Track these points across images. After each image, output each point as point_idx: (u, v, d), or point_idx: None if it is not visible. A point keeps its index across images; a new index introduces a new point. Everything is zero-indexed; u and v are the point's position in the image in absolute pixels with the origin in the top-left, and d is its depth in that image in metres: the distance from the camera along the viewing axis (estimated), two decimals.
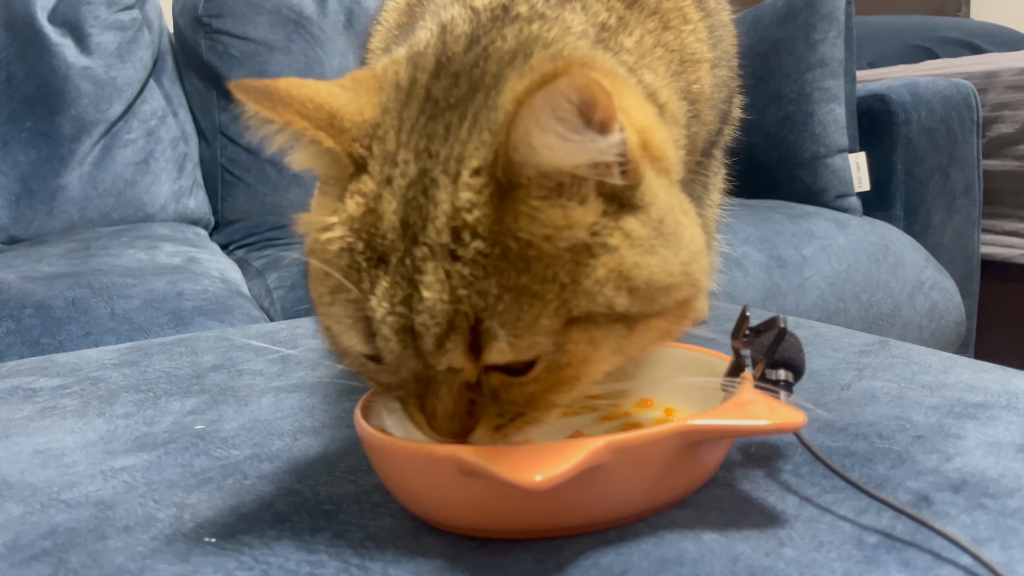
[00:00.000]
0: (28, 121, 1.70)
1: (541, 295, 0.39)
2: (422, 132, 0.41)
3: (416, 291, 0.39)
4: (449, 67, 0.44)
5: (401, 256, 0.39)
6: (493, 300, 0.38)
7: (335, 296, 0.41)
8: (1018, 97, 1.89)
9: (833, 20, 1.71)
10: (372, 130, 0.42)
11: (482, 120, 0.41)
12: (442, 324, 0.39)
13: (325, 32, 1.90)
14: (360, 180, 0.41)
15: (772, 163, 1.79)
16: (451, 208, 0.39)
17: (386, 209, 0.40)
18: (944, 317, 1.66)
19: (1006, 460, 0.49)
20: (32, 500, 0.51)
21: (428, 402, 0.42)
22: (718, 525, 0.43)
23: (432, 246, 0.39)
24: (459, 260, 0.39)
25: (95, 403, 0.69)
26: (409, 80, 0.44)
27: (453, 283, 0.39)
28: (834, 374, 0.66)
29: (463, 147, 0.40)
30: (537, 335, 0.39)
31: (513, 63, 0.43)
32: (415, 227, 0.39)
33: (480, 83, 0.42)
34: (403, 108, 0.43)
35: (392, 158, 0.41)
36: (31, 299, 1.15)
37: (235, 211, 1.90)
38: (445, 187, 0.40)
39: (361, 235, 0.40)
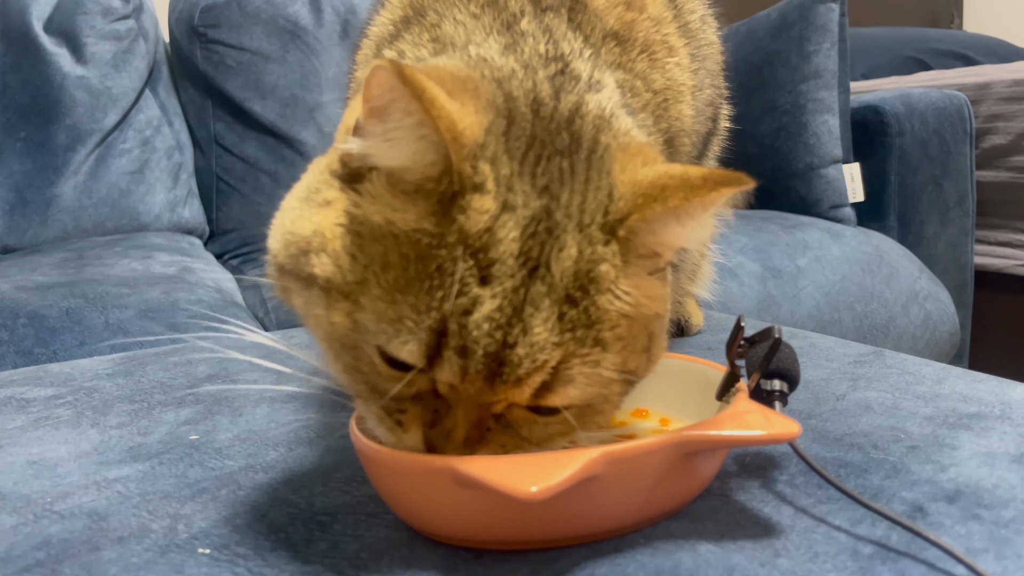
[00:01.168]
0: (23, 130, 1.70)
1: (613, 351, 0.41)
2: (535, 169, 0.42)
3: (523, 323, 0.39)
4: (545, 110, 0.45)
5: (516, 286, 0.40)
6: (587, 348, 0.41)
7: (398, 295, 0.40)
8: (1011, 109, 1.90)
9: (826, 32, 1.72)
10: (479, 150, 0.41)
11: (595, 179, 0.42)
12: (539, 361, 0.40)
13: (321, 42, 1.91)
14: (472, 198, 0.40)
15: (766, 174, 1.79)
16: (579, 256, 0.41)
17: (506, 235, 0.40)
18: (938, 327, 1.67)
19: (1000, 470, 0.49)
20: (25, 511, 0.51)
21: (450, 422, 0.42)
22: (714, 536, 0.43)
23: (553, 286, 0.40)
24: (575, 305, 0.40)
25: (89, 413, 0.69)
26: (508, 109, 0.44)
27: (563, 325, 0.40)
28: (829, 384, 0.66)
29: (582, 199, 0.42)
30: (599, 386, 0.42)
31: (604, 130, 0.45)
32: (535, 262, 0.40)
33: (581, 139, 0.44)
34: (508, 136, 0.42)
35: (509, 185, 0.41)
36: (25, 309, 1.15)
37: (230, 221, 1.90)
38: (573, 234, 0.41)
39: (471, 249, 0.40)
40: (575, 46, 0.52)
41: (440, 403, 0.42)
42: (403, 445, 0.43)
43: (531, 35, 0.51)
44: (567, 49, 0.51)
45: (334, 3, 1.94)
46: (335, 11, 1.93)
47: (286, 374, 0.77)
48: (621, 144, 0.45)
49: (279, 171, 1.88)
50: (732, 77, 0.80)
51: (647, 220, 0.41)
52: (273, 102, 1.87)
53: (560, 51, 0.50)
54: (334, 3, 1.94)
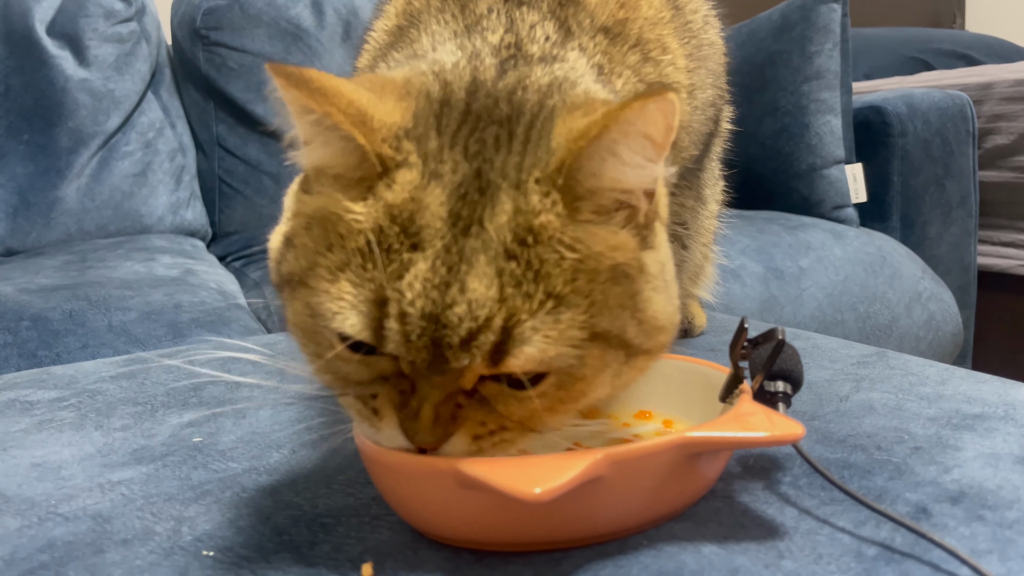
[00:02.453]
0: (26, 133, 1.70)
1: (576, 306, 0.40)
2: (467, 140, 0.43)
3: (459, 281, 0.39)
4: (483, 89, 0.46)
5: (447, 244, 0.40)
6: (536, 305, 0.39)
7: (340, 272, 0.41)
8: (1013, 108, 1.90)
9: (829, 32, 1.72)
10: (402, 132, 0.42)
11: (534, 139, 0.42)
12: (479, 319, 0.39)
13: (323, 44, 1.91)
14: (396, 174, 0.41)
15: (769, 175, 1.79)
16: (515, 210, 0.40)
17: (432, 201, 0.41)
18: (941, 328, 1.66)
19: (1004, 471, 0.49)
20: (29, 513, 0.51)
21: (415, 400, 0.41)
22: (717, 537, 0.43)
23: (487, 241, 0.40)
24: (514, 259, 0.40)
25: (92, 416, 0.69)
26: (442, 93, 0.45)
27: (502, 280, 0.39)
28: (832, 386, 0.66)
29: (520, 159, 0.42)
30: (564, 345, 0.40)
31: (552, 96, 0.45)
32: (467, 220, 0.40)
33: (522, 107, 0.44)
34: (440, 116, 0.44)
35: (436, 156, 0.42)
36: (28, 311, 1.15)
37: (232, 223, 1.90)
38: (507, 191, 0.41)
39: (397, 220, 0.40)
40: (539, 32, 0.52)
41: (404, 382, 0.41)
42: (383, 435, 0.43)
43: (490, 29, 0.52)
44: (525, 35, 0.51)
45: (336, 5, 1.94)
46: (337, 13, 1.94)
47: (289, 376, 0.77)
48: (569, 104, 0.44)
49: (281, 173, 1.88)
50: (734, 78, 0.80)
51: (579, 161, 0.40)
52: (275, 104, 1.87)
53: (518, 37, 0.51)
54: (336, 5, 1.94)
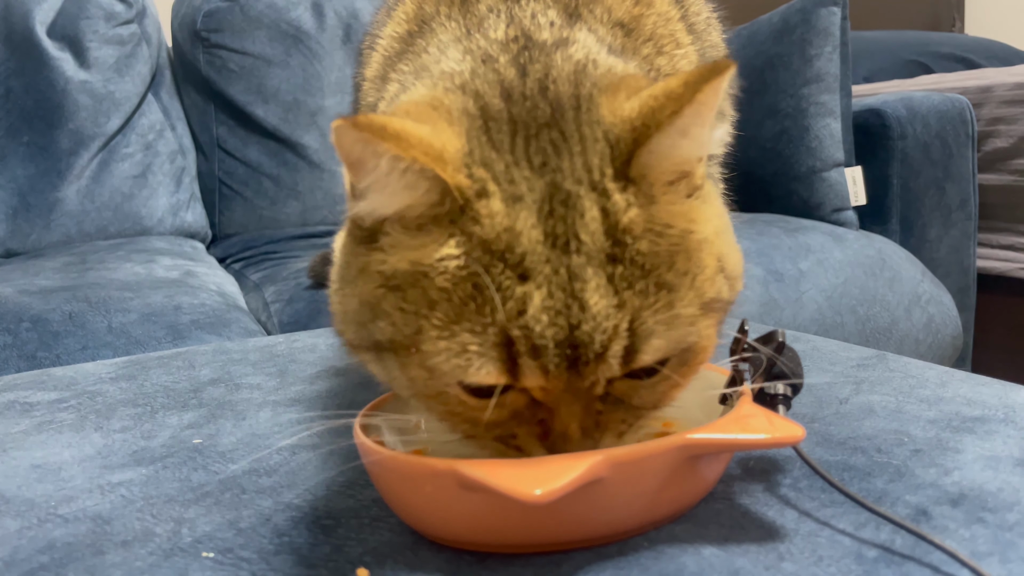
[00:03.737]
0: (26, 135, 1.70)
1: (681, 287, 0.40)
2: (527, 151, 0.41)
3: (577, 300, 0.39)
4: (516, 91, 0.44)
5: (555, 267, 0.39)
6: (652, 298, 0.40)
7: (455, 326, 0.39)
8: (1013, 112, 1.90)
9: (828, 35, 1.72)
10: (468, 159, 0.41)
11: (588, 135, 0.42)
12: (608, 330, 0.39)
13: (323, 46, 1.91)
14: (479, 205, 0.40)
15: (769, 177, 1.79)
16: (603, 213, 0.40)
17: (524, 225, 0.39)
18: (941, 331, 1.66)
19: (1004, 474, 0.49)
20: (29, 515, 0.51)
21: (559, 424, 0.41)
22: (717, 539, 0.43)
23: (590, 253, 0.39)
24: (620, 262, 0.39)
25: (92, 417, 0.69)
26: (479, 107, 0.43)
27: (616, 285, 0.39)
28: (832, 388, 0.66)
29: (584, 159, 0.41)
30: (683, 327, 0.41)
31: (583, 82, 0.44)
32: (563, 237, 0.39)
33: (562, 103, 0.43)
34: (489, 132, 0.42)
35: (508, 177, 0.41)
36: (28, 313, 1.15)
37: (232, 225, 1.90)
38: (587, 196, 0.40)
39: (497, 255, 0.39)
40: (542, 20, 0.50)
41: (541, 411, 0.41)
42: None
43: (491, 27, 0.50)
44: (529, 23, 0.50)
45: (336, 7, 1.94)
46: (337, 15, 1.94)
47: (289, 377, 0.77)
48: (603, 87, 0.44)
49: (281, 175, 1.88)
50: (734, 81, 0.80)
51: (651, 150, 0.40)
52: (275, 106, 1.88)
53: (523, 28, 0.49)
54: (336, 7, 1.94)
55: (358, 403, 0.52)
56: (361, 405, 0.51)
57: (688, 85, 0.39)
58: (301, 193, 1.88)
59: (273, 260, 1.68)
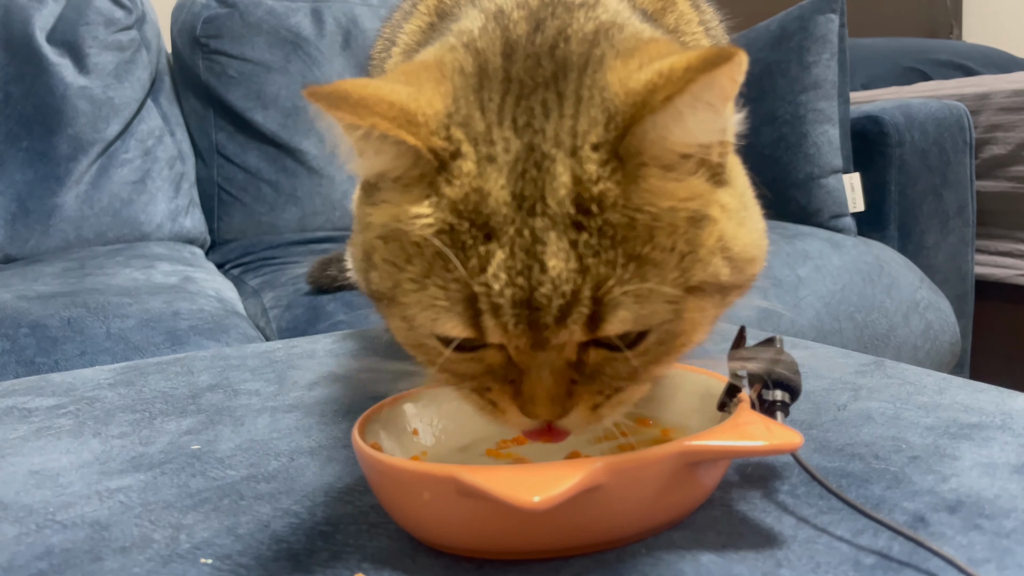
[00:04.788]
0: (25, 140, 1.70)
1: (663, 264, 0.40)
2: (515, 111, 0.41)
3: (538, 262, 0.39)
4: (520, 48, 0.43)
5: (518, 228, 0.39)
6: (620, 269, 0.39)
7: (426, 280, 0.40)
8: (1010, 119, 1.90)
9: (826, 42, 1.73)
10: (447, 120, 0.41)
11: (586, 98, 0.41)
12: (567, 294, 0.38)
13: (322, 53, 1.91)
14: (453, 167, 0.40)
15: (766, 184, 1.78)
16: (573, 181, 0.39)
17: (493, 186, 0.40)
18: (939, 337, 1.67)
19: (1002, 481, 0.49)
20: (27, 521, 0.51)
21: (527, 386, 0.41)
22: (715, 546, 0.43)
23: (554, 217, 0.39)
24: (584, 230, 0.39)
25: (90, 423, 0.69)
26: (477, 65, 0.43)
27: (579, 252, 0.39)
28: (830, 395, 0.66)
29: (573, 123, 0.40)
30: (658, 303, 0.40)
31: (599, 44, 0.43)
32: (531, 199, 0.39)
33: (568, 63, 0.42)
34: (479, 91, 0.42)
35: (487, 138, 0.41)
36: (26, 318, 1.15)
37: (231, 230, 1.90)
38: (563, 160, 0.40)
39: (464, 215, 0.40)
40: None
41: (514, 370, 0.42)
42: (508, 424, 0.43)
43: None
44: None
45: (336, 14, 1.95)
46: (337, 22, 1.94)
47: (287, 383, 0.77)
48: (620, 50, 0.42)
49: (280, 181, 1.88)
50: None
51: (645, 130, 0.39)
52: (275, 112, 1.88)
53: None
54: (336, 14, 1.95)
55: (356, 409, 0.52)
56: (359, 411, 0.51)
57: (688, 70, 0.38)
58: (300, 199, 1.88)
59: (272, 266, 1.68)
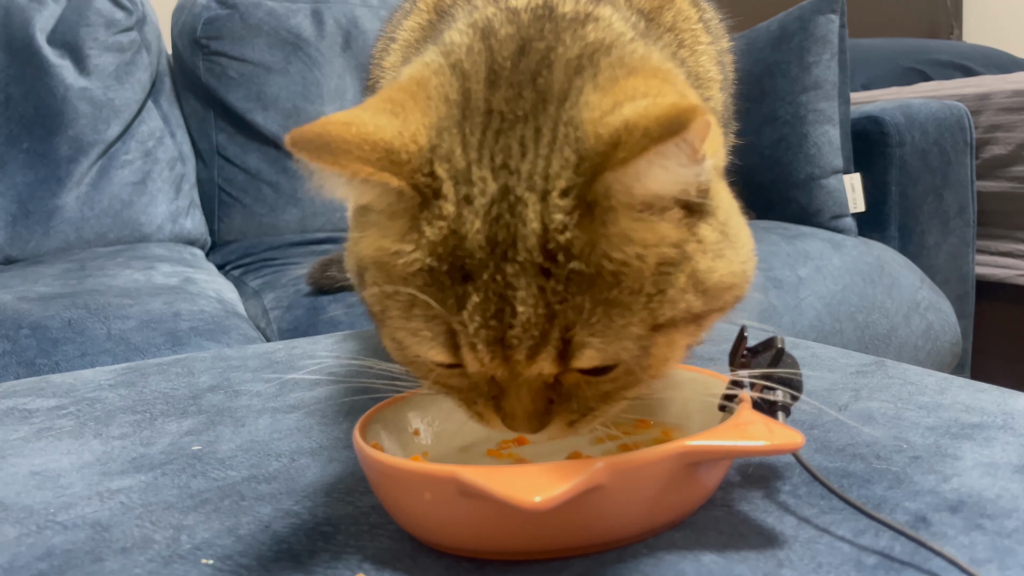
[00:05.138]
0: (26, 142, 1.70)
1: (630, 306, 0.40)
2: (493, 148, 0.41)
3: (509, 306, 0.39)
4: (504, 75, 0.43)
5: (492, 273, 0.40)
6: (587, 314, 0.39)
7: (410, 312, 0.42)
8: (1011, 119, 1.90)
9: (826, 43, 1.73)
10: (430, 155, 0.41)
11: (560, 136, 0.41)
12: (536, 336, 0.40)
13: (323, 54, 1.91)
14: (434, 205, 0.41)
15: (767, 184, 1.80)
16: (542, 228, 0.39)
17: (469, 229, 0.40)
18: (940, 338, 1.67)
19: (1003, 481, 0.49)
20: (28, 522, 0.51)
21: (507, 404, 0.43)
22: (717, 546, 0.43)
23: (524, 264, 0.39)
24: (552, 277, 0.39)
25: (91, 424, 0.69)
26: (461, 93, 0.43)
27: (547, 298, 0.39)
28: (831, 395, 0.66)
29: (546, 164, 0.40)
30: (625, 341, 0.41)
31: (582, 73, 0.43)
32: (504, 244, 0.40)
33: (548, 94, 0.42)
34: (462, 123, 0.42)
35: (466, 177, 0.41)
36: (27, 319, 1.15)
37: (232, 231, 1.90)
38: (533, 206, 0.40)
39: (443, 257, 0.40)
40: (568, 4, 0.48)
41: (495, 387, 0.43)
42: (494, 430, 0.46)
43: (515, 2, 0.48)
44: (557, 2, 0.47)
45: (336, 15, 1.95)
46: (337, 23, 1.94)
47: (288, 384, 0.77)
48: (599, 82, 0.42)
49: (281, 182, 1.88)
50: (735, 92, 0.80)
51: (610, 180, 0.39)
52: (275, 113, 1.88)
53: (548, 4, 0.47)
54: (336, 15, 1.95)
55: (357, 409, 0.52)
56: (359, 412, 0.51)
57: (646, 135, 0.37)
58: (300, 200, 1.88)
59: (272, 267, 1.68)
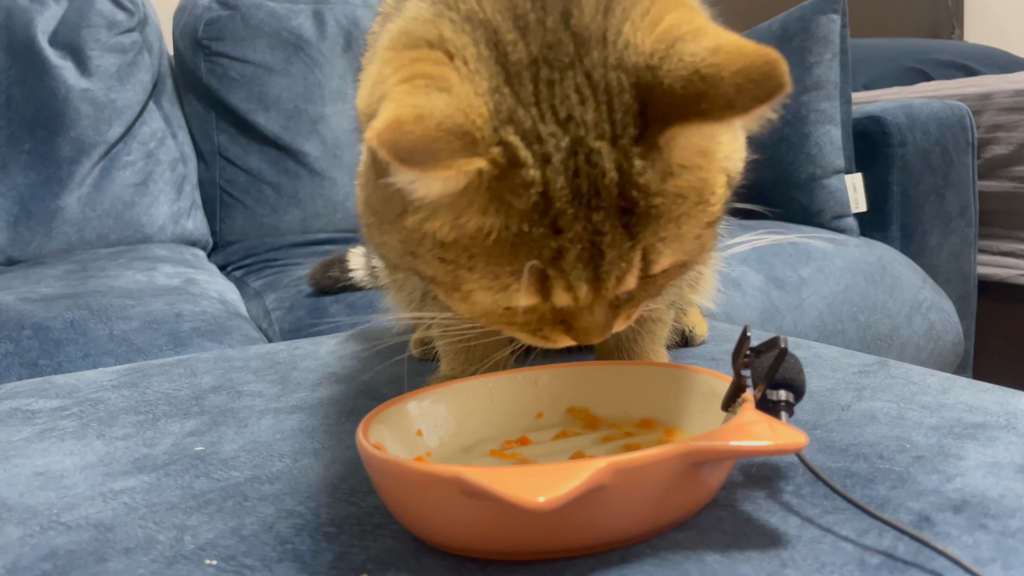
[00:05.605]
0: (27, 143, 1.70)
1: (693, 214, 0.44)
2: (552, 100, 0.42)
3: (599, 248, 0.43)
4: (532, 20, 0.43)
5: (582, 223, 0.42)
6: (661, 231, 0.44)
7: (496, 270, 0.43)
8: (1012, 119, 1.90)
9: (828, 43, 1.73)
10: (495, 123, 0.41)
11: (614, 82, 0.42)
12: (623, 267, 0.44)
13: (324, 55, 1.91)
14: (515, 174, 0.41)
15: (768, 185, 1.80)
16: (619, 175, 0.42)
17: (554, 188, 0.42)
18: (942, 337, 1.66)
19: (1006, 480, 0.49)
20: (32, 522, 0.51)
21: (581, 322, 0.46)
22: (720, 546, 0.43)
23: (607, 209, 0.42)
24: (633, 213, 0.43)
25: (94, 425, 0.69)
26: (493, 47, 0.43)
27: (631, 232, 0.43)
28: (834, 395, 0.66)
29: (609, 110, 0.42)
30: (689, 243, 0.45)
31: (613, 10, 0.43)
32: (587, 195, 0.42)
33: (586, 37, 0.43)
34: (511, 80, 0.42)
35: (536, 136, 0.41)
36: (29, 320, 1.15)
37: (233, 232, 1.90)
38: (608, 154, 0.42)
39: (535, 220, 0.42)
40: None
41: (565, 312, 0.47)
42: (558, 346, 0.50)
43: None
44: None
45: (337, 16, 1.95)
46: (338, 24, 1.94)
47: (290, 385, 0.77)
48: (634, 19, 0.43)
49: (282, 183, 1.88)
50: None
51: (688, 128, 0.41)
52: (276, 114, 1.88)
53: None
54: (337, 16, 1.95)
55: (360, 410, 0.52)
56: (362, 412, 0.51)
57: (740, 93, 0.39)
58: (302, 201, 1.88)
59: (274, 268, 1.68)
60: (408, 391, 0.54)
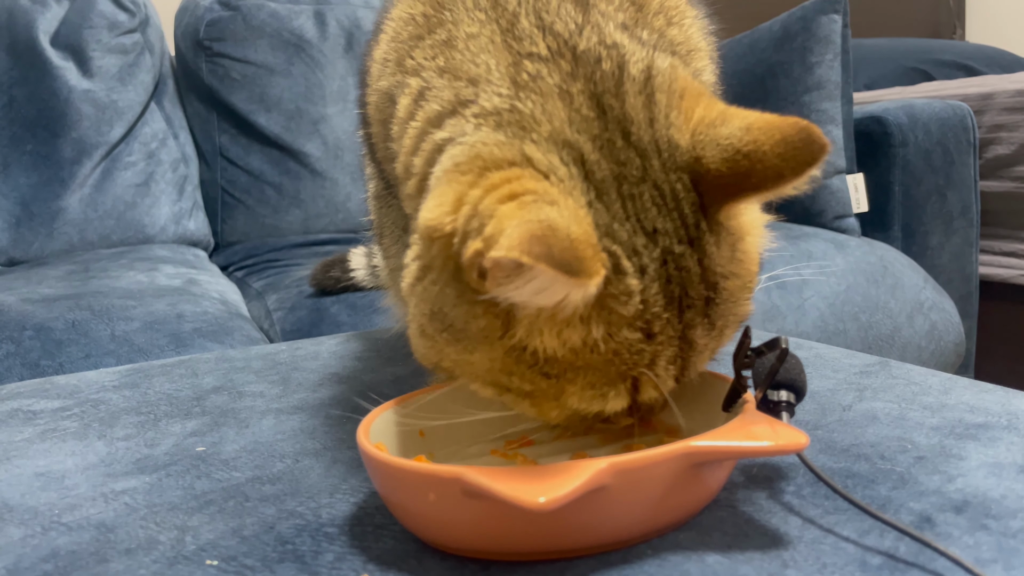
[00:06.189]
0: (29, 144, 1.71)
1: (747, 290, 0.48)
2: (637, 213, 0.44)
3: (689, 343, 0.45)
4: (606, 141, 0.45)
5: (675, 327, 0.44)
6: (733, 312, 0.47)
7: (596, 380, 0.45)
8: (1014, 119, 1.90)
9: (829, 43, 1.73)
10: (600, 234, 0.43)
11: (678, 186, 0.44)
12: (707, 357, 0.47)
13: (325, 55, 1.92)
14: (618, 282, 0.43)
15: None
16: (702, 270, 0.45)
17: (650, 295, 0.43)
18: (943, 338, 1.66)
19: (1008, 481, 0.49)
20: (33, 523, 0.51)
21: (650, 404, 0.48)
22: (721, 547, 0.43)
23: (696, 304, 0.45)
24: (714, 303, 0.45)
25: (95, 425, 0.69)
26: (579, 163, 0.44)
27: (714, 321, 0.46)
28: (835, 395, 0.66)
29: (680, 214, 0.44)
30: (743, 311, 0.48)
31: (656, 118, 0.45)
32: (679, 297, 0.44)
33: (644, 150, 0.45)
34: (601, 198, 0.44)
35: (632, 248, 0.43)
36: (31, 321, 1.15)
37: (235, 233, 1.90)
38: (690, 256, 0.44)
39: (635, 327, 0.44)
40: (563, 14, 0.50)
41: None
42: None
43: (525, 36, 0.49)
44: (559, 25, 0.49)
45: (338, 16, 1.95)
46: (339, 24, 1.95)
47: (291, 385, 0.77)
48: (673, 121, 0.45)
49: (284, 183, 1.88)
50: (735, 89, 0.80)
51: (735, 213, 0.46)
52: (278, 115, 1.88)
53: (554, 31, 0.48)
54: (338, 16, 1.95)
55: (360, 410, 0.52)
56: (363, 413, 0.51)
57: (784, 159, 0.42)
58: (303, 201, 1.88)
59: (275, 268, 1.68)
60: (410, 391, 0.54)
